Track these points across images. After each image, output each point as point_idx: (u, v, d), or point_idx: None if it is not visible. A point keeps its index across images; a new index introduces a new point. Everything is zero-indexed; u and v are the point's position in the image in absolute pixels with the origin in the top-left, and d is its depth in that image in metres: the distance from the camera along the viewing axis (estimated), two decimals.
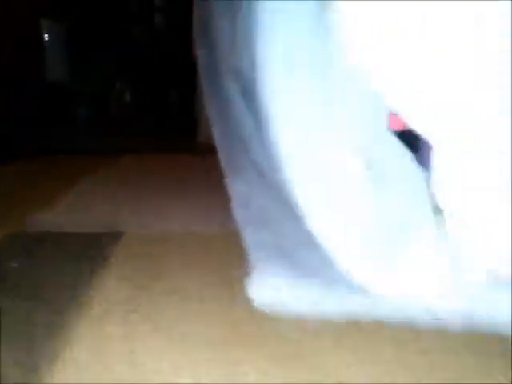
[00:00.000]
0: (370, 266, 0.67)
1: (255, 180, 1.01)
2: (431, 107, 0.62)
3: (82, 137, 1.90)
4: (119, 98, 2.35)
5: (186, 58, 2.19)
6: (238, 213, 0.95)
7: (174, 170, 1.51)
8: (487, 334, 0.63)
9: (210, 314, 0.69)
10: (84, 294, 0.71)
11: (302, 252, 0.79)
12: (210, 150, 1.78)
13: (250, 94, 1.08)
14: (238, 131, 1.13)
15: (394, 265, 0.67)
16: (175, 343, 0.62)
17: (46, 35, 2.32)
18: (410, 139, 0.72)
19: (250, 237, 0.86)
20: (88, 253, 0.83)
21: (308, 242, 0.78)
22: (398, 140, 0.71)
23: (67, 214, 1.02)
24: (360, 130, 0.73)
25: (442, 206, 0.68)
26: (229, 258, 0.85)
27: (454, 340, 0.62)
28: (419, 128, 0.65)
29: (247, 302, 0.70)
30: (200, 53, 1.42)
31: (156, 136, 2.00)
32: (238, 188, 1.02)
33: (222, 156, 1.11)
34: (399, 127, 0.72)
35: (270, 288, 0.70)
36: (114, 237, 0.89)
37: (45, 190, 1.19)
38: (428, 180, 0.70)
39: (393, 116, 0.70)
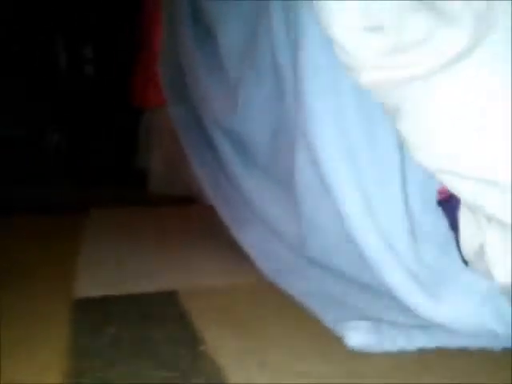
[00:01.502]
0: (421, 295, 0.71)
1: (264, 229, 1.06)
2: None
3: (20, 192, 1.63)
4: (55, 148, 2.08)
5: (125, 107, 2.04)
6: (265, 266, 1.00)
7: (153, 222, 1.47)
8: None
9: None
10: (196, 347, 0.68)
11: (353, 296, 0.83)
12: (164, 201, 1.67)
13: (244, 149, 1.15)
14: (232, 186, 1.18)
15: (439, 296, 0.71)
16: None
17: None
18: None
19: (293, 287, 0.90)
20: (164, 312, 0.81)
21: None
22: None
23: (107, 276, 0.99)
24: (411, 196, 0.78)
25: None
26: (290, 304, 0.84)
27: None
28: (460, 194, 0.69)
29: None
30: (175, 108, 1.33)
31: (104, 187, 1.81)
32: (250, 239, 1.06)
33: (223, 210, 1.17)
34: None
35: (363, 330, 0.70)
36: (171, 295, 0.88)
37: (45, 252, 1.14)
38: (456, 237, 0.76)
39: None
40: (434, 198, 0.75)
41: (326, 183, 0.78)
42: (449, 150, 0.66)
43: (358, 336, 0.69)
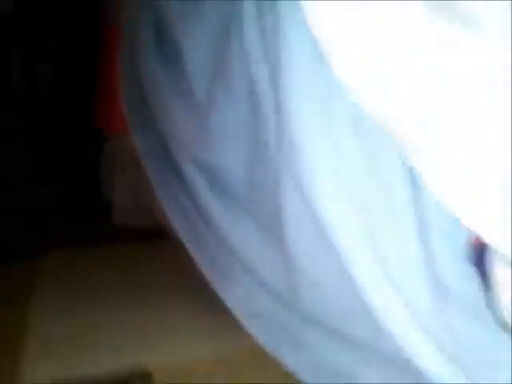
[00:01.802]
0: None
1: (249, 281, 0.89)
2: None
3: None
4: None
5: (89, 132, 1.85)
6: (257, 332, 0.84)
7: (118, 270, 1.26)
8: None
9: None
10: None
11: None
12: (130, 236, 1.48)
13: (218, 183, 0.99)
14: (207, 226, 1.01)
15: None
16: None
17: None
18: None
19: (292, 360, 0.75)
20: None
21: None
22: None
23: (62, 353, 0.81)
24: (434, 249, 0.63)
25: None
26: None
27: None
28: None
29: None
30: (138, 136, 1.15)
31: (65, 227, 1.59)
32: (234, 294, 0.90)
33: (197, 254, 1.00)
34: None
35: None
36: (145, 377, 0.72)
37: None
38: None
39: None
40: (461, 250, 0.58)
41: (325, 235, 0.60)
42: (447, 148, 0.54)
43: None
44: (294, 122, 0.63)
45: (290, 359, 0.72)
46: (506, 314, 0.59)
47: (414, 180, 0.59)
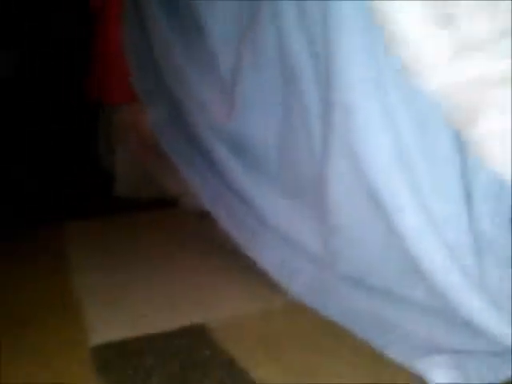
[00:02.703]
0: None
1: (282, 245, 0.94)
2: None
3: None
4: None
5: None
6: (293, 287, 0.88)
7: (139, 236, 1.26)
8: None
9: None
10: None
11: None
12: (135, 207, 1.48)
13: (246, 155, 1.01)
14: (236, 197, 1.04)
15: None
16: None
17: None
18: None
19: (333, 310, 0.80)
20: (198, 348, 0.72)
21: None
22: None
23: (118, 312, 0.83)
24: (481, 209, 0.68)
25: None
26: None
27: None
28: None
29: None
30: (153, 108, 1.18)
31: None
32: (268, 257, 0.94)
33: (228, 224, 1.02)
34: None
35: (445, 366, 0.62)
36: (201, 329, 0.77)
37: (33, 288, 0.93)
38: None
39: None
40: (507, 212, 0.65)
41: (375, 196, 0.67)
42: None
43: (442, 373, 0.60)
44: (346, 91, 0.67)
45: (335, 312, 0.79)
46: None
47: (460, 146, 0.64)
